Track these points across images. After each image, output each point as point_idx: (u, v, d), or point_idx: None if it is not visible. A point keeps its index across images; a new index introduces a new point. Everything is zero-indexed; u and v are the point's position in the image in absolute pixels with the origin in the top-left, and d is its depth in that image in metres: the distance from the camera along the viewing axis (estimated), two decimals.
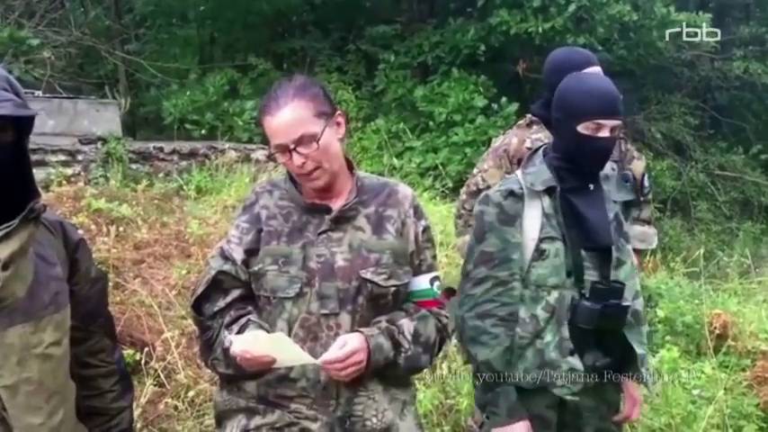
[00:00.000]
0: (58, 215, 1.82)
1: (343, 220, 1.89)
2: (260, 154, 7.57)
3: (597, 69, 2.86)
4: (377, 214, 1.92)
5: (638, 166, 3.26)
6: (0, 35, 7.92)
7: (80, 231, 1.89)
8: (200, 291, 1.92)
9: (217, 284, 1.90)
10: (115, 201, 5.13)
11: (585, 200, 2.20)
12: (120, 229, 4.77)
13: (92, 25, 11.22)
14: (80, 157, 6.46)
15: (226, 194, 6.16)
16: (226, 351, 1.81)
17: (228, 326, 1.85)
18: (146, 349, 3.67)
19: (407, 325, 1.89)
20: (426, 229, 1.99)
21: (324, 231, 1.87)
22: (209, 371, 3.69)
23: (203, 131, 9.55)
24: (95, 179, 6.19)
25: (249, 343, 1.72)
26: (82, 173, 6.28)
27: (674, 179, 11.87)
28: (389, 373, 1.89)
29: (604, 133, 2.11)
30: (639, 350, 2.25)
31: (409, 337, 1.88)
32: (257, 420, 1.89)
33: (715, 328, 4.68)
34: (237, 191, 6.24)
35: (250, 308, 1.89)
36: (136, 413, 3.27)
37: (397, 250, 1.89)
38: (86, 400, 1.81)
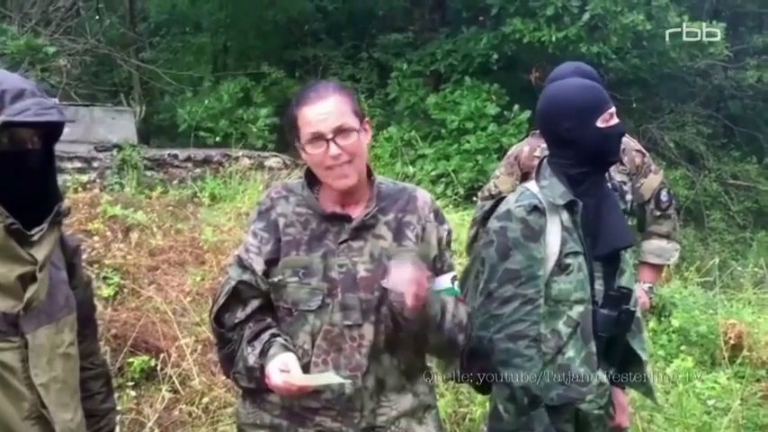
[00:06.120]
0: None
1: (363, 228, 1.86)
2: (273, 161, 7.59)
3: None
4: (397, 221, 1.89)
5: (653, 180, 3.26)
6: (17, 43, 7.98)
7: (79, 236, 1.93)
8: (220, 301, 1.89)
9: (236, 295, 1.88)
10: (130, 207, 5.15)
11: (605, 204, 2.20)
12: (136, 235, 4.80)
13: (107, 33, 11.28)
14: (96, 164, 6.49)
15: (240, 201, 6.17)
16: (249, 368, 1.81)
17: (250, 341, 1.82)
18: (161, 355, 3.68)
19: (450, 301, 1.87)
20: (449, 233, 1.97)
21: (344, 241, 1.85)
22: (223, 378, 3.73)
23: (217, 139, 9.59)
24: (111, 186, 6.22)
25: (287, 375, 1.70)
26: (97, 180, 6.30)
27: (687, 188, 11.83)
28: (432, 339, 1.84)
29: (616, 119, 2.16)
30: (644, 356, 2.26)
31: (452, 310, 1.86)
32: None
33: (729, 338, 4.67)
34: (251, 198, 6.25)
35: (269, 320, 1.87)
36: (152, 419, 3.31)
37: (418, 256, 1.84)
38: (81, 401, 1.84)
